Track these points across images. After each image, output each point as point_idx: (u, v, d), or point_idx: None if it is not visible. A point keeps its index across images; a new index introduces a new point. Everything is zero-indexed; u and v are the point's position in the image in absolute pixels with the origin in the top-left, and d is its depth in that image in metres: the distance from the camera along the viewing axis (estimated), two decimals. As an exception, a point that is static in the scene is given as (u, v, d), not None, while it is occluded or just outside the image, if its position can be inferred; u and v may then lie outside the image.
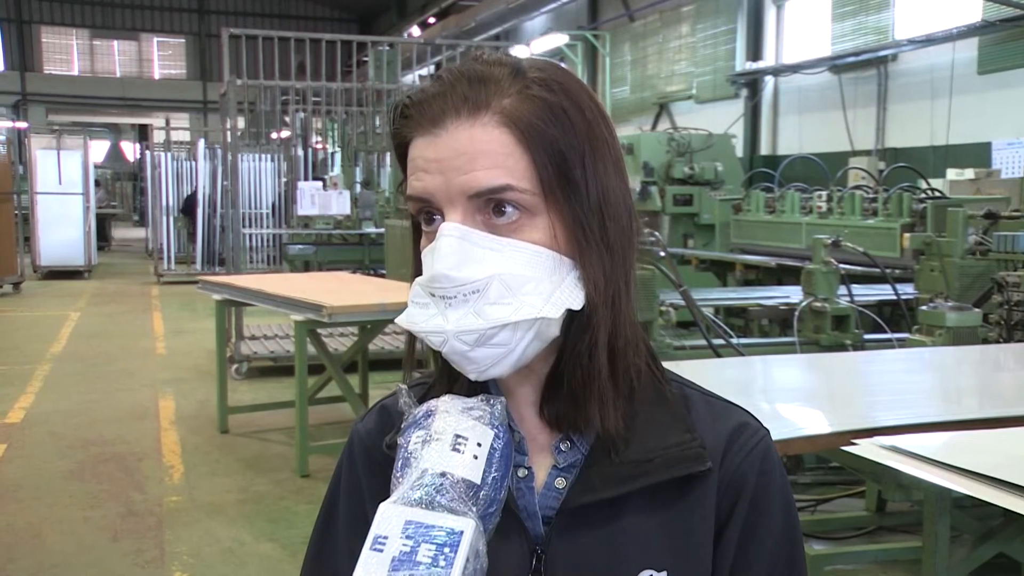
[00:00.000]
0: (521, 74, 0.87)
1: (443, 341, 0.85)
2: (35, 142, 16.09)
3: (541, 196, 0.85)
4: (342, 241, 12.18)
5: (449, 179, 0.85)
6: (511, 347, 0.85)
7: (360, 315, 5.51)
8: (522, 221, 0.85)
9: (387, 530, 0.77)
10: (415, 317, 0.88)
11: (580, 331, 0.88)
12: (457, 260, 0.83)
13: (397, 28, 27.35)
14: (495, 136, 0.85)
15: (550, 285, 0.85)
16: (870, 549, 4.15)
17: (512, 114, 0.85)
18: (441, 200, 0.86)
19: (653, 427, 0.91)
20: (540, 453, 0.93)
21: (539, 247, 0.85)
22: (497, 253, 0.84)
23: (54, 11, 32.57)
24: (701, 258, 9.33)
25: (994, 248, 5.36)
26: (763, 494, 0.93)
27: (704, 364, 3.93)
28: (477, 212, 0.85)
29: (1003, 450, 2.36)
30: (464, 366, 0.86)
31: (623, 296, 0.90)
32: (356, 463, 1.00)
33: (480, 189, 0.84)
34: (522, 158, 0.85)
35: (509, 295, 0.84)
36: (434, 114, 0.86)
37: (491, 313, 0.83)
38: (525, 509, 0.90)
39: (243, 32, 8.83)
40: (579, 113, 0.88)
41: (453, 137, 0.85)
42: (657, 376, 0.96)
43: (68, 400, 7.31)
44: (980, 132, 11.52)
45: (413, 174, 0.88)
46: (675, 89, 18.05)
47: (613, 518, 0.89)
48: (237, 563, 4.23)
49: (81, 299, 13.56)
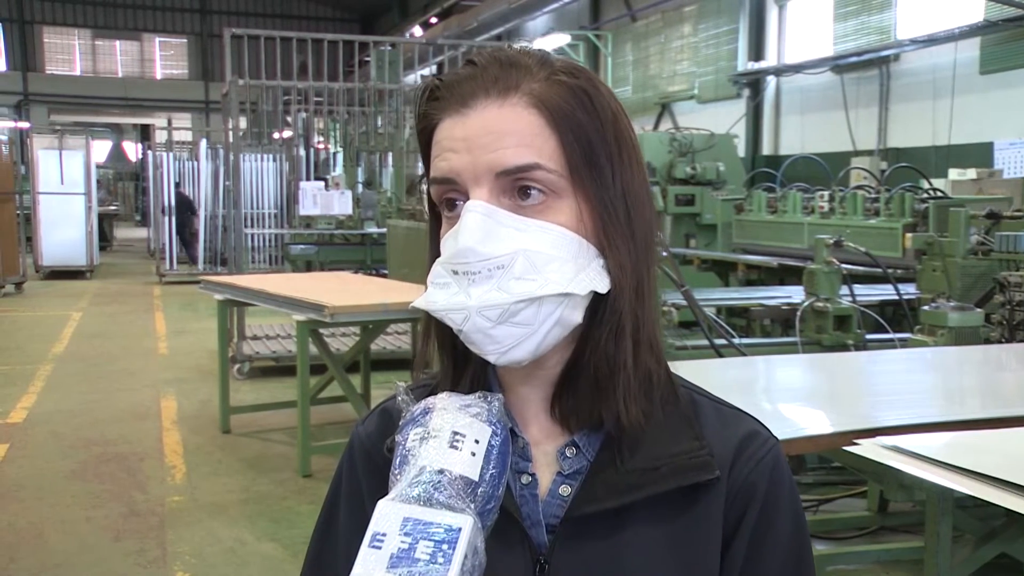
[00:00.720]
0: (548, 63, 0.88)
1: (465, 318, 0.83)
2: (37, 142, 16.11)
3: (568, 178, 0.85)
4: (344, 241, 12.20)
5: (476, 157, 0.84)
6: (534, 327, 0.83)
7: (362, 315, 5.51)
8: (548, 203, 0.85)
9: (385, 527, 0.76)
10: (435, 297, 0.86)
11: (605, 318, 0.87)
12: (482, 235, 0.82)
13: (399, 28, 27.38)
14: (524, 116, 0.85)
15: (575, 267, 0.84)
16: (872, 549, 4.15)
17: (541, 96, 0.85)
18: (467, 179, 0.85)
19: (662, 434, 0.90)
20: (544, 459, 0.91)
21: (565, 229, 0.85)
22: (523, 232, 0.83)
23: (56, 11, 32.60)
24: (703, 258, 9.31)
25: (996, 248, 5.35)
26: (772, 505, 0.91)
27: (706, 364, 3.92)
28: (503, 194, 0.84)
29: (1005, 450, 2.36)
30: (484, 346, 0.84)
31: (647, 288, 0.89)
32: (356, 466, 0.99)
33: (508, 167, 0.83)
34: (550, 139, 0.85)
35: (534, 271, 0.83)
36: (464, 94, 0.86)
37: (516, 288, 0.82)
38: (528, 517, 0.88)
39: (245, 32, 8.83)
40: (605, 103, 0.88)
41: (481, 116, 0.85)
42: (672, 384, 0.94)
43: (70, 400, 7.32)
44: (982, 132, 11.51)
45: (438, 155, 0.87)
46: (677, 89, 18.04)
47: (618, 528, 0.87)
48: (239, 563, 4.24)
49: (83, 299, 13.57)
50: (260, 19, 33.63)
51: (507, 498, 0.85)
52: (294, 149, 12.94)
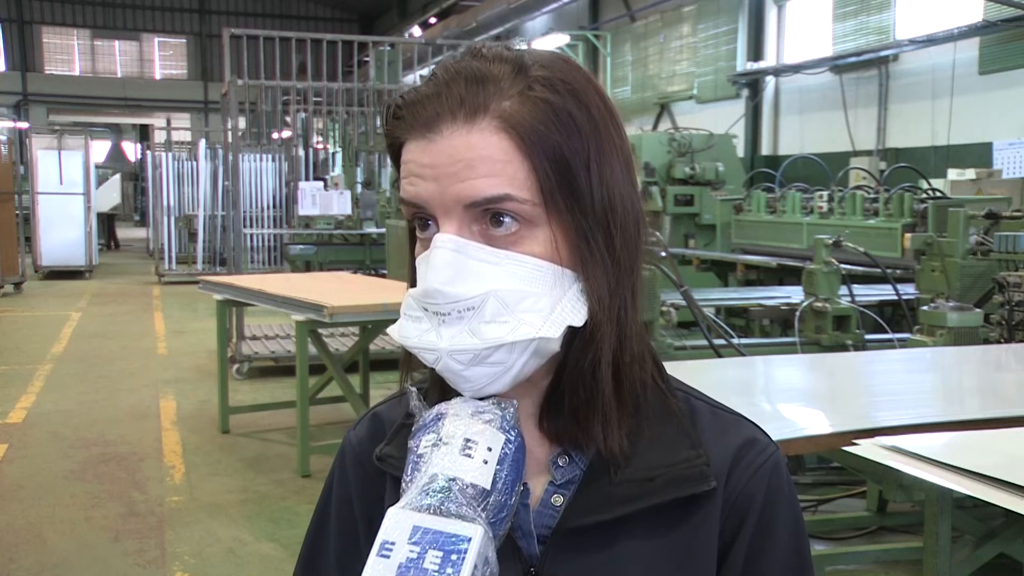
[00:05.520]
0: (523, 72, 0.82)
1: (437, 359, 0.81)
2: (36, 142, 16.10)
3: (542, 206, 0.80)
4: (343, 241, 12.19)
5: (444, 187, 0.79)
6: (508, 365, 0.80)
7: (361, 315, 5.50)
8: (521, 232, 0.80)
9: (394, 536, 0.75)
10: (408, 331, 0.83)
11: (583, 348, 0.83)
12: (452, 274, 0.79)
13: (398, 28, 27.38)
14: (493, 142, 0.79)
15: (550, 300, 0.81)
16: (871, 549, 4.15)
17: (512, 118, 0.80)
18: (435, 208, 0.81)
19: (657, 443, 0.87)
20: (536, 468, 0.87)
21: (540, 260, 0.81)
22: (495, 267, 0.79)
23: (55, 11, 32.58)
24: (702, 258, 9.32)
25: (995, 248, 5.35)
26: (770, 513, 0.88)
27: (705, 364, 3.93)
28: (473, 222, 0.80)
29: (1004, 450, 2.36)
30: (459, 384, 0.82)
31: (629, 309, 0.85)
32: (347, 471, 0.98)
33: (477, 199, 0.79)
34: (522, 165, 0.79)
35: (506, 312, 0.79)
36: (428, 117, 0.81)
37: (487, 332, 0.79)
38: (520, 528, 0.85)
39: (244, 32, 8.83)
40: (585, 114, 0.82)
41: (449, 143, 0.79)
42: (663, 389, 0.91)
43: (69, 400, 7.31)
44: (981, 132, 11.52)
45: (406, 177, 0.83)
46: (676, 89, 18.04)
47: (612, 540, 0.85)
48: (238, 563, 4.23)
49: (82, 299, 13.56)
50: (259, 19, 33.62)
51: None
52: (293, 149, 12.93)
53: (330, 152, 15.96)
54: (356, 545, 0.96)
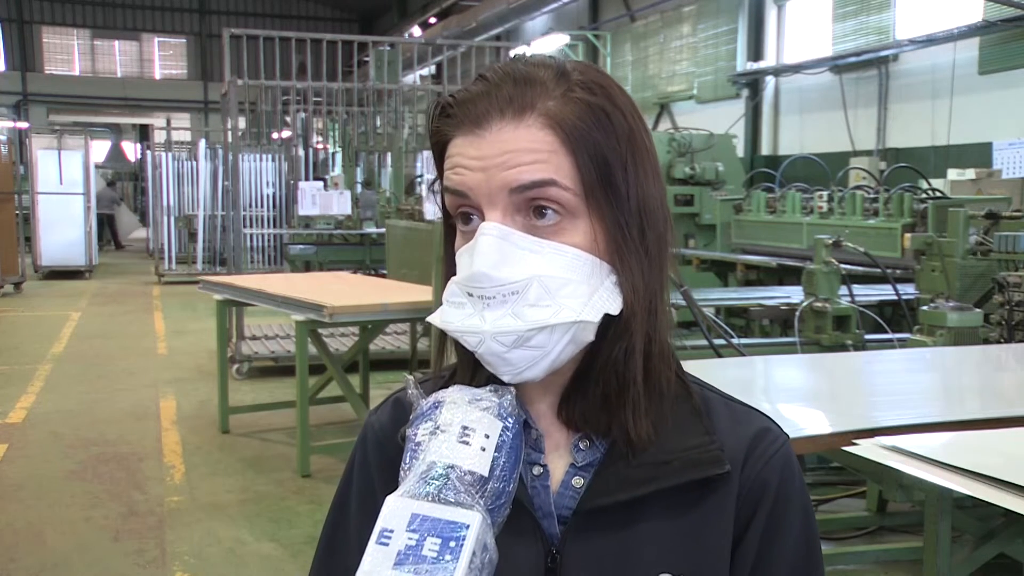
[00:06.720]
0: (565, 76, 0.87)
1: (480, 341, 0.84)
2: (36, 142, 16.10)
3: (583, 198, 0.85)
4: (343, 241, 12.19)
5: (491, 176, 0.84)
6: (547, 350, 0.84)
7: (361, 315, 5.51)
8: (563, 224, 0.85)
9: (393, 523, 0.76)
10: (450, 317, 0.87)
11: (617, 337, 0.88)
12: (497, 259, 0.83)
13: (398, 28, 27.36)
14: (540, 137, 0.84)
15: (588, 288, 0.85)
16: (871, 549, 4.15)
17: (556, 116, 0.85)
18: (481, 197, 0.85)
19: (673, 428, 0.91)
20: (557, 451, 0.92)
21: (580, 251, 0.85)
22: (537, 255, 0.84)
23: (55, 11, 32.56)
24: (702, 258, 9.31)
25: (995, 248, 5.35)
26: (783, 501, 0.92)
27: (705, 364, 3.92)
28: (517, 212, 0.85)
29: (1004, 450, 2.36)
30: (499, 368, 0.85)
31: (659, 303, 0.90)
32: (369, 455, 1.00)
33: (523, 183, 0.83)
34: (566, 159, 0.84)
35: (548, 297, 0.83)
36: (478, 114, 0.86)
37: (530, 315, 0.83)
38: (540, 508, 0.89)
39: (244, 32, 8.84)
40: (621, 118, 0.88)
41: (497, 137, 0.84)
42: (683, 380, 0.96)
43: (69, 400, 7.32)
44: (981, 132, 11.51)
45: (452, 168, 0.87)
46: (676, 89, 18.04)
47: (630, 521, 0.89)
48: (238, 563, 4.24)
49: (82, 299, 13.56)
50: (259, 19, 33.59)
51: (519, 489, 0.86)
52: (293, 149, 12.93)
53: (330, 152, 15.95)
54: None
